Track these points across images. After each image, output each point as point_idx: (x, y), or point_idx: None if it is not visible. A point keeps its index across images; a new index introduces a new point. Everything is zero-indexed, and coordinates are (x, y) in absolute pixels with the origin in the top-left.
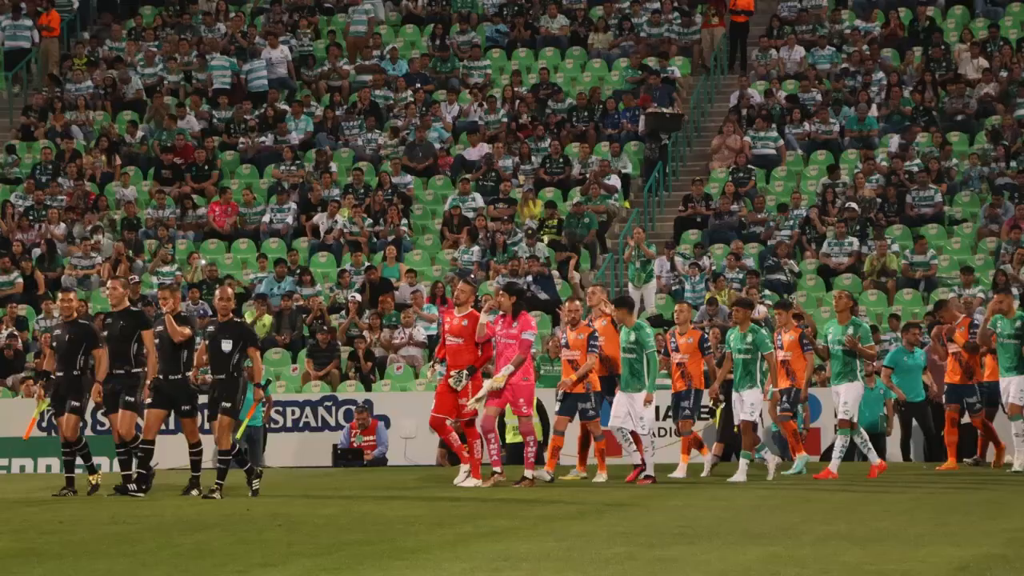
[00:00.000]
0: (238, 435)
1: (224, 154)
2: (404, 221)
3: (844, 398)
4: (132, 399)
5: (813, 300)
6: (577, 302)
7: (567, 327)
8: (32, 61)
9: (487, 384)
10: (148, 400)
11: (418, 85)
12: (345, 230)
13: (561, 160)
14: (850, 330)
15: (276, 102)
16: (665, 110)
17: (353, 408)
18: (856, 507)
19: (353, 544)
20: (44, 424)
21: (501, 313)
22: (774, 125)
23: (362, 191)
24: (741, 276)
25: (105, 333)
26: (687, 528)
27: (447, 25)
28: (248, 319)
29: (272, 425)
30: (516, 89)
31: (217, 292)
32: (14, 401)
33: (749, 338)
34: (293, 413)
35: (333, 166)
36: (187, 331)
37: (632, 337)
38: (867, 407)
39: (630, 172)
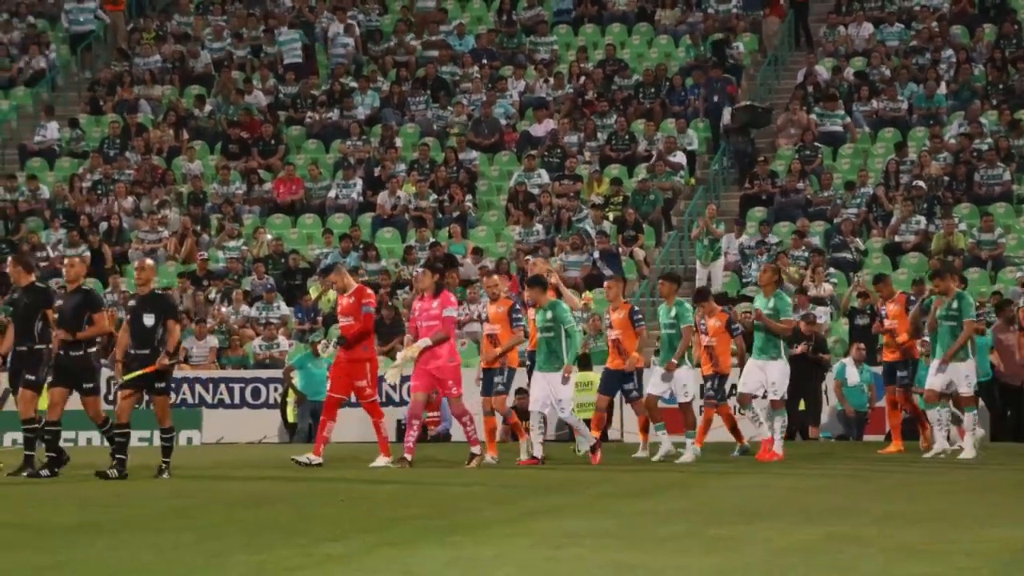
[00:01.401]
0: (125, 379)
1: (290, 129)
2: (469, 197)
3: (772, 379)
4: (33, 377)
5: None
6: (496, 276)
7: (488, 301)
8: (99, 37)
9: (400, 355)
10: (49, 378)
11: (484, 61)
12: (410, 206)
13: (627, 137)
14: (771, 303)
15: (342, 77)
16: (757, 105)
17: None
18: (915, 487)
19: (414, 519)
20: (111, 397)
21: (421, 291)
22: (841, 102)
23: (427, 167)
24: (807, 254)
25: (11, 309)
26: (746, 507)
27: (514, 0)
28: (313, 295)
29: None
30: (582, 65)
31: (135, 263)
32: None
33: (673, 312)
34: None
35: (399, 141)
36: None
37: (548, 315)
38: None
39: (695, 149)
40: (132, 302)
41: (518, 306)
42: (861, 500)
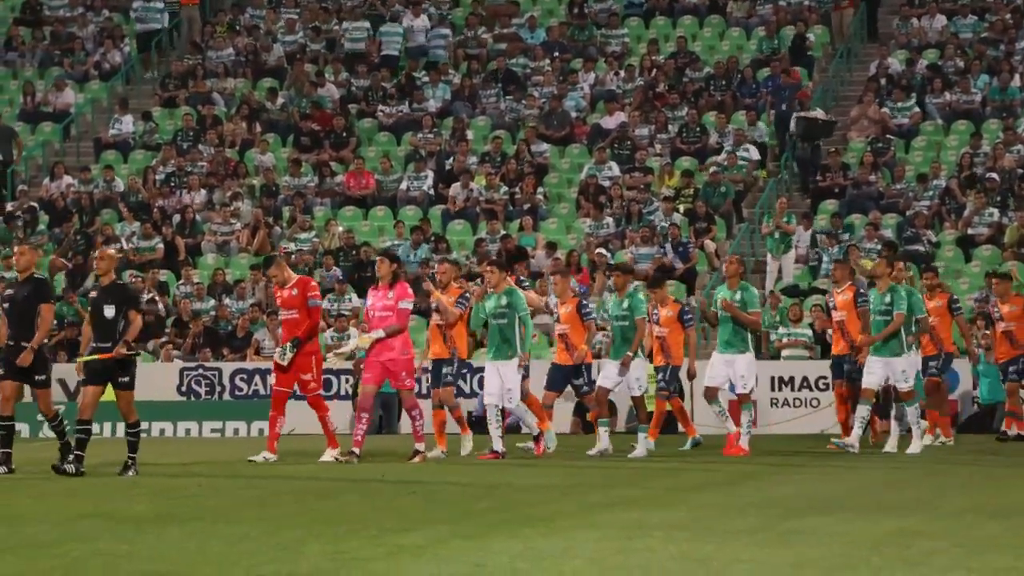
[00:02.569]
0: (82, 359)
1: (362, 122)
2: (540, 190)
3: (741, 372)
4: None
5: (952, 271)
6: (447, 264)
7: (439, 290)
8: (169, 32)
9: (351, 342)
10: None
11: (555, 53)
12: (481, 198)
13: (698, 129)
14: (737, 295)
15: (414, 70)
16: (819, 116)
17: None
18: (990, 481)
19: (485, 511)
20: (183, 388)
21: (379, 281)
22: (913, 95)
23: (498, 159)
24: (879, 247)
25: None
26: (818, 500)
27: None
28: None
29: None
30: (653, 58)
31: (96, 253)
32: (155, 365)
33: (625, 304)
34: (427, 380)
35: (470, 134)
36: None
37: (504, 301)
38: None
39: (766, 141)
40: (93, 293)
41: (467, 295)
42: (938, 493)
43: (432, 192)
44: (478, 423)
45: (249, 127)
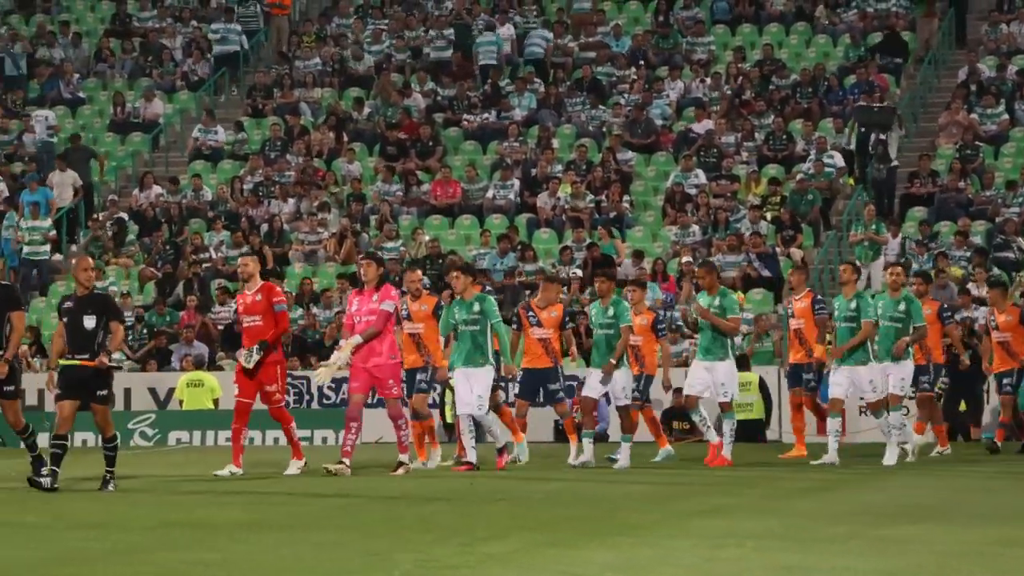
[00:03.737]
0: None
1: (448, 131)
2: (626, 197)
3: (721, 380)
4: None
5: None
6: (419, 271)
7: (408, 298)
8: (261, 41)
9: (333, 357)
10: None
11: (641, 61)
12: (566, 206)
13: (784, 136)
14: (716, 301)
15: (499, 79)
16: (873, 104)
17: (575, 384)
18: None
19: (575, 519)
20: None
21: (363, 284)
22: (1003, 101)
23: (584, 167)
24: (968, 254)
25: None
26: (911, 508)
27: (671, 1)
28: None
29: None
30: (739, 65)
31: (75, 262)
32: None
33: (611, 311)
34: (514, 388)
35: (555, 142)
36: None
37: (475, 308)
38: None
39: (854, 149)
40: (68, 303)
41: (441, 303)
42: None
43: (518, 200)
44: (564, 431)
45: (336, 137)
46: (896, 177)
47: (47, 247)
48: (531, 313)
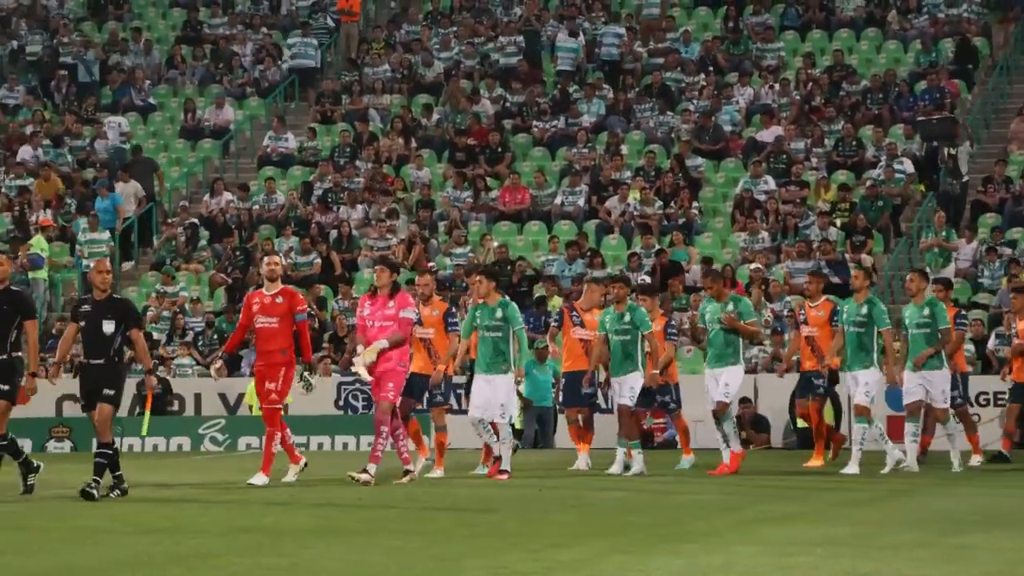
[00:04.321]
0: (143, 431)
1: (516, 137)
2: (695, 204)
3: (726, 380)
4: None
5: None
6: (428, 276)
7: (419, 303)
8: (330, 46)
9: (356, 360)
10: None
11: (710, 67)
12: (635, 212)
13: (854, 143)
14: (729, 306)
15: (568, 86)
16: (933, 116)
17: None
18: None
19: (643, 526)
20: (341, 402)
21: (372, 290)
22: None
23: (653, 173)
24: None
25: None
26: (982, 514)
27: (741, 7)
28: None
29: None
30: (809, 71)
31: (94, 265)
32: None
33: (627, 317)
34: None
35: (624, 148)
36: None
37: (498, 314)
38: None
39: (923, 155)
40: (86, 307)
41: (453, 310)
42: None
43: (587, 206)
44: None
45: (405, 143)
46: (967, 190)
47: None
48: (574, 313)
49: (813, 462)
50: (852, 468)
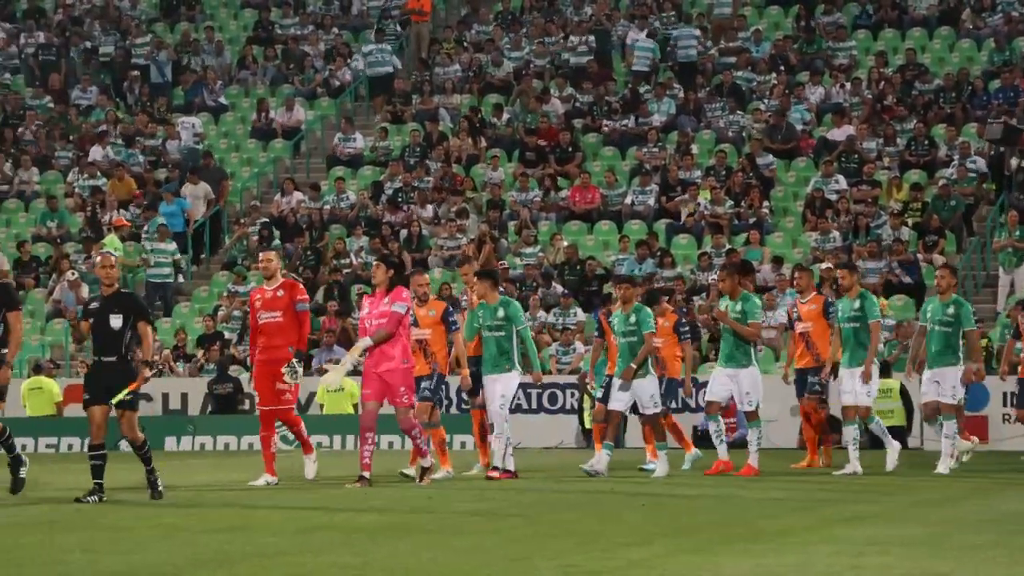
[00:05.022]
0: (113, 401)
1: (586, 136)
2: (766, 203)
3: (744, 388)
4: None
5: None
6: (427, 275)
7: (416, 303)
8: (402, 46)
9: (344, 359)
10: None
11: (781, 67)
12: (706, 212)
13: (927, 142)
14: (738, 306)
15: (637, 85)
16: (995, 122)
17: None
18: None
19: (715, 525)
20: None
21: (372, 287)
22: None
23: (723, 173)
24: None
25: None
26: None
27: (812, 6)
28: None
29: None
30: (881, 70)
31: (98, 259)
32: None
33: (632, 318)
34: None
35: (694, 148)
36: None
37: (500, 313)
38: None
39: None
40: (94, 303)
41: (451, 309)
42: None
43: (657, 206)
44: (703, 437)
45: (474, 142)
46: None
47: (171, 271)
48: (612, 319)
49: (804, 463)
50: (852, 467)
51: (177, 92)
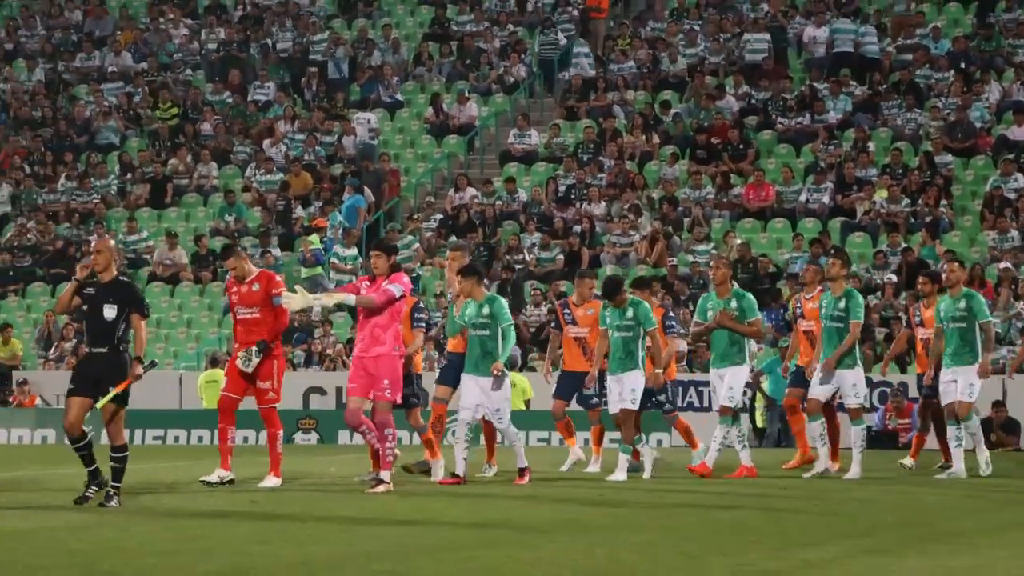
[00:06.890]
0: (98, 406)
1: (760, 134)
2: (943, 202)
3: (729, 383)
4: None
5: None
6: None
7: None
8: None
9: (317, 296)
10: None
11: (961, 64)
12: (882, 210)
13: None
14: (732, 303)
15: (815, 82)
16: None
17: (888, 390)
18: None
19: (891, 527)
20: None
21: (371, 277)
22: None
23: (900, 171)
24: None
25: None
26: None
27: (992, 2)
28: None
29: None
30: None
31: (94, 244)
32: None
33: (629, 313)
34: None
35: (871, 146)
36: None
37: (485, 310)
38: None
39: None
40: (89, 290)
41: (420, 305)
42: None
43: (832, 204)
44: (876, 438)
45: (647, 139)
46: None
47: (351, 279)
48: (567, 311)
49: (795, 462)
50: (854, 472)
51: (353, 88)
